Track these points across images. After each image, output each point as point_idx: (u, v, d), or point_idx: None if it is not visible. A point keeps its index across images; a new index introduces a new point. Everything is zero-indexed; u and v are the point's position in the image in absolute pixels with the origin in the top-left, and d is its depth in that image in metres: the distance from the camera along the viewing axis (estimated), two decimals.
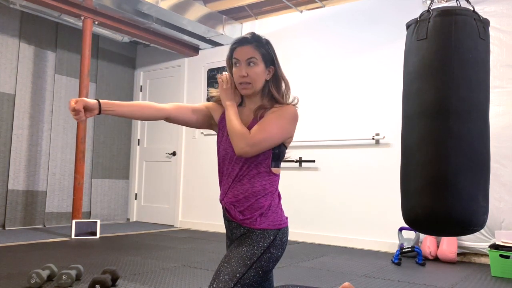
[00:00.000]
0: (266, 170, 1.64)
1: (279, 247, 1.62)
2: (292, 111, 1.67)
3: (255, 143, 1.57)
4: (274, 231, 1.61)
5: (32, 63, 5.31)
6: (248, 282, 1.53)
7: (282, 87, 1.72)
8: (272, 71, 1.70)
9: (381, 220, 4.27)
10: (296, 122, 1.69)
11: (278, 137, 1.62)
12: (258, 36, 1.71)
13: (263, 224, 1.61)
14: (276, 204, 1.67)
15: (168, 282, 2.73)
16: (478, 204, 1.52)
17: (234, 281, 1.51)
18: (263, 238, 1.59)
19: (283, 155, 1.71)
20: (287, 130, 1.65)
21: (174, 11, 4.75)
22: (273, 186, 1.67)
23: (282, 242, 1.63)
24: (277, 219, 1.64)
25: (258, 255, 1.56)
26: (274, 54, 1.71)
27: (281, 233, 1.63)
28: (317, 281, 2.86)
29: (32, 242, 4.15)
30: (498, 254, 3.22)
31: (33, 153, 5.29)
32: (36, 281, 2.46)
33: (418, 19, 1.62)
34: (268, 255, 1.58)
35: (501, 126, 3.63)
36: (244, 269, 1.53)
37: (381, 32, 4.47)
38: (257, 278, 1.56)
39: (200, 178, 5.67)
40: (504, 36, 3.72)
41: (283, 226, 1.65)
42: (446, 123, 1.50)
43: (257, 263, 1.55)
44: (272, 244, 1.59)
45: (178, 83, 6.07)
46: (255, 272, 1.55)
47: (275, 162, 1.67)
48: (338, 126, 4.66)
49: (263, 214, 1.61)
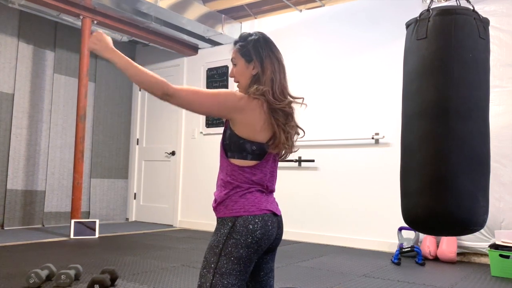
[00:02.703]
0: (227, 162, 1.65)
1: (245, 234, 1.58)
2: (237, 93, 1.62)
3: (176, 88, 1.56)
4: (231, 218, 1.61)
5: (31, 63, 5.30)
6: (225, 271, 1.54)
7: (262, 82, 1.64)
8: (258, 65, 1.67)
9: (381, 219, 4.26)
10: (232, 98, 1.59)
11: (205, 102, 1.57)
12: (243, 36, 1.71)
13: (221, 213, 1.64)
14: (239, 195, 1.63)
15: (167, 282, 2.72)
16: (478, 203, 1.52)
17: (211, 273, 1.55)
18: (222, 226, 1.62)
19: (241, 148, 1.62)
20: (219, 92, 1.59)
21: (173, 11, 4.75)
22: (232, 177, 1.63)
23: (248, 229, 1.58)
24: (236, 207, 1.62)
25: (222, 241, 1.58)
26: (255, 47, 1.67)
27: (242, 220, 1.60)
28: (316, 281, 2.85)
29: (31, 242, 4.14)
30: (498, 254, 3.21)
31: (32, 153, 5.28)
32: (35, 281, 2.46)
33: (418, 19, 1.62)
34: (233, 240, 1.58)
35: (501, 126, 3.63)
36: (215, 258, 1.56)
37: (380, 32, 4.46)
38: (233, 266, 1.56)
39: (199, 178, 5.66)
40: (504, 35, 3.72)
41: (243, 214, 1.61)
42: (446, 123, 1.50)
43: (224, 250, 1.57)
44: (232, 230, 1.59)
45: (177, 83, 6.05)
46: (226, 259, 1.56)
47: (231, 153, 1.63)
48: (338, 126, 4.65)
49: (221, 203, 1.64)
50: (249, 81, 1.69)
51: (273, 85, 1.66)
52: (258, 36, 1.72)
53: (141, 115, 6.41)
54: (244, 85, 1.69)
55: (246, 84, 1.69)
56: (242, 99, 1.60)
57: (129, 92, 6.45)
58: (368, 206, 4.37)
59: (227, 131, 1.66)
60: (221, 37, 5.43)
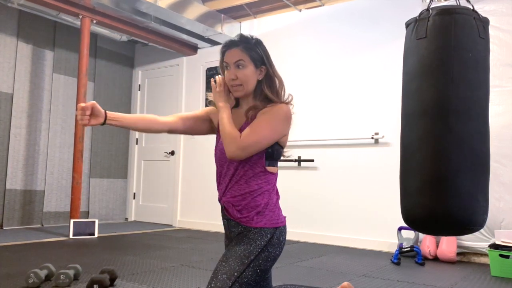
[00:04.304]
0: (261, 170, 1.63)
1: (277, 246, 1.62)
2: (283, 110, 1.65)
3: (245, 147, 1.56)
4: (271, 229, 1.60)
5: (30, 62, 5.29)
6: (246, 281, 1.53)
7: (276, 86, 1.70)
8: (264, 71, 1.69)
9: (381, 219, 4.26)
10: (289, 121, 1.66)
11: (270, 138, 1.61)
12: (246, 37, 1.70)
13: (260, 223, 1.60)
14: (273, 203, 1.66)
15: (167, 282, 2.72)
16: (477, 203, 1.52)
17: (232, 280, 1.51)
18: (260, 237, 1.58)
19: (279, 154, 1.69)
20: (279, 130, 1.63)
21: (172, 10, 4.74)
22: (270, 185, 1.66)
23: (279, 241, 1.62)
24: (274, 218, 1.63)
25: (255, 253, 1.56)
26: (265, 53, 1.69)
27: (279, 232, 1.62)
28: (316, 281, 2.85)
29: (30, 241, 4.14)
30: (497, 254, 3.21)
31: (31, 153, 5.27)
32: (34, 281, 2.45)
33: (417, 18, 1.61)
34: (266, 253, 1.58)
35: (501, 126, 3.63)
36: (242, 267, 1.53)
37: (380, 31, 4.46)
38: (255, 277, 1.55)
39: (198, 178, 5.66)
40: (504, 35, 3.72)
41: (280, 225, 1.64)
42: (446, 123, 1.50)
43: (255, 262, 1.55)
44: (269, 242, 1.59)
45: (177, 82, 6.05)
46: (253, 271, 1.54)
47: (269, 161, 1.65)
48: (337, 126, 4.65)
49: (259, 212, 1.61)
50: (253, 86, 1.69)
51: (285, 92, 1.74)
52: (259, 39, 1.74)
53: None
54: (249, 91, 1.69)
55: (251, 90, 1.70)
56: (290, 113, 1.67)
57: (129, 92, 6.44)
58: (367, 206, 4.36)
59: None
60: (220, 37, 5.42)
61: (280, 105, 1.67)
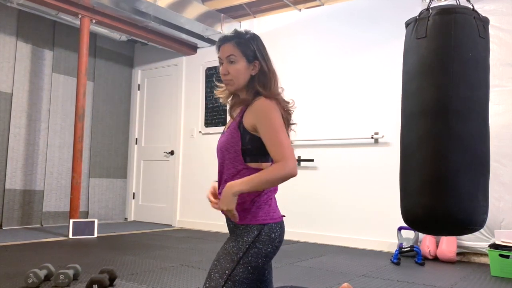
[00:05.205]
0: (244, 167, 1.60)
1: (268, 243, 1.58)
2: (265, 106, 1.58)
3: (286, 158, 1.51)
4: (257, 226, 1.58)
5: (29, 62, 5.29)
6: (239, 279, 1.52)
7: (268, 81, 1.65)
8: (258, 66, 1.66)
9: (380, 219, 4.26)
10: (276, 109, 1.60)
11: (284, 135, 1.56)
12: (239, 32, 1.68)
13: (245, 219, 1.58)
14: (263, 200, 1.62)
15: (166, 281, 2.72)
16: (477, 203, 1.52)
17: (224, 279, 1.51)
18: (246, 233, 1.57)
19: (259, 150, 1.61)
20: (280, 122, 1.58)
21: (172, 10, 4.74)
22: None
23: (270, 238, 1.59)
24: (262, 214, 1.60)
25: (243, 250, 1.55)
26: (258, 48, 1.67)
27: (268, 229, 1.59)
28: (316, 281, 2.85)
29: (29, 241, 4.13)
30: (497, 254, 3.21)
31: (31, 152, 5.27)
32: (33, 280, 2.45)
33: (417, 18, 1.61)
34: (255, 250, 1.56)
35: (501, 125, 3.62)
36: (232, 265, 1.53)
37: (380, 31, 4.46)
38: (248, 275, 1.54)
39: (198, 177, 5.65)
40: (504, 34, 3.71)
41: (269, 222, 1.60)
42: (446, 122, 1.49)
43: (244, 259, 1.54)
44: (257, 239, 1.57)
45: (176, 82, 6.05)
46: (243, 268, 1.54)
47: (250, 157, 1.61)
48: (337, 125, 4.64)
49: (246, 209, 1.59)
50: (247, 82, 1.67)
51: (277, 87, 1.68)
52: (255, 34, 1.72)
53: (139, 114, 6.40)
54: (240, 86, 1.67)
55: (242, 85, 1.67)
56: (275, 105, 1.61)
57: (128, 92, 6.44)
58: (367, 206, 4.36)
59: (246, 135, 1.60)
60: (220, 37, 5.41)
61: (258, 102, 1.60)
